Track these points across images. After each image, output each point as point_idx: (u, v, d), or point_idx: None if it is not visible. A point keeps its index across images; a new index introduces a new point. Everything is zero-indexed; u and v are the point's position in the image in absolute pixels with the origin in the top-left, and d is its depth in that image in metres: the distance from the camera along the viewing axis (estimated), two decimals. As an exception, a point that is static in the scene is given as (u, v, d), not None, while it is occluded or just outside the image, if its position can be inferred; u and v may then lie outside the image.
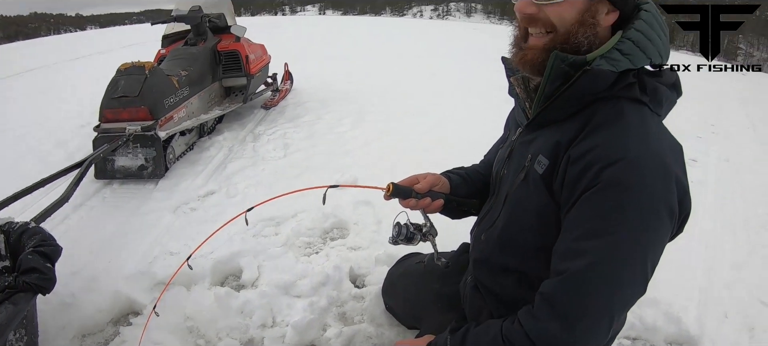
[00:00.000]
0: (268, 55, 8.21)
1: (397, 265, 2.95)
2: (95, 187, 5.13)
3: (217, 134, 6.58)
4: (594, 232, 1.41)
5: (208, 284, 3.46)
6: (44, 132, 6.80)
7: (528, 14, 1.57)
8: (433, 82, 10.11)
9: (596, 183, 1.41)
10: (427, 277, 2.56)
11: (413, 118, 7.24)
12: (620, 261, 1.39)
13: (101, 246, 3.96)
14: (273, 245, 3.89)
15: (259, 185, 5.01)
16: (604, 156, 1.42)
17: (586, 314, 1.42)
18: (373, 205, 4.42)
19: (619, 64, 1.49)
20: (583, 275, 1.41)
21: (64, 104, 8.24)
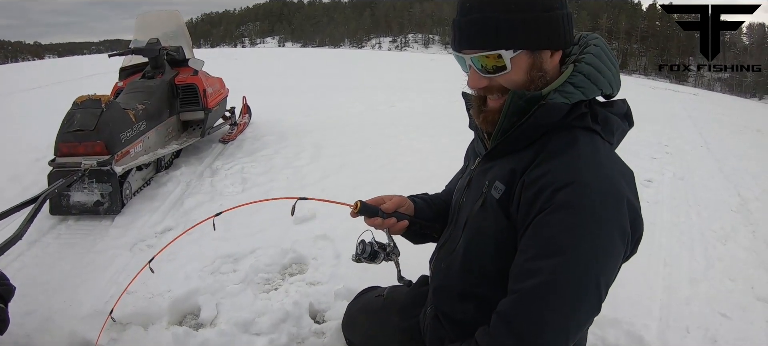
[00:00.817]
0: (226, 88, 8.21)
1: (356, 299, 2.94)
2: (50, 223, 5.05)
3: (175, 169, 6.54)
4: (547, 252, 1.45)
5: (166, 323, 3.43)
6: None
7: (481, 87, 1.68)
8: (391, 113, 10.21)
9: (549, 206, 1.46)
10: (387, 310, 2.57)
11: (372, 150, 7.30)
12: (573, 280, 1.42)
13: (56, 285, 3.89)
14: (231, 282, 3.87)
15: (217, 220, 4.92)
16: (556, 180, 1.48)
17: (543, 331, 1.44)
18: (332, 239, 4.44)
19: (572, 96, 1.57)
20: (536, 293, 1.44)
21: (19, 137, 8.09)
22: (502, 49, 1.56)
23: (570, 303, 1.44)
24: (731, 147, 9.01)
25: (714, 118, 11.42)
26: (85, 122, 5.26)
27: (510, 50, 1.56)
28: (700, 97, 12.81)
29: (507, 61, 1.58)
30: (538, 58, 1.60)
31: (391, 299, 2.61)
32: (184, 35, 7.79)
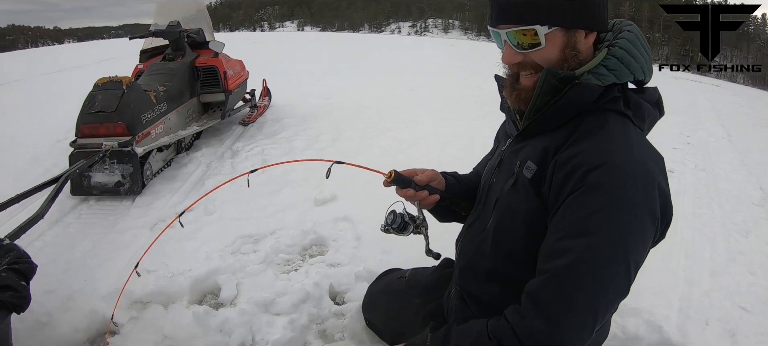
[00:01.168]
0: (247, 71, 8.19)
1: (377, 281, 2.94)
2: (71, 203, 5.07)
3: (195, 151, 6.55)
4: (577, 232, 1.44)
5: (186, 302, 3.43)
6: (19, 148, 6.71)
7: (515, 63, 1.69)
8: (411, 98, 10.14)
9: (580, 187, 1.46)
10: (409, 292, 2.56)
11: (391, 134, 7.25)
12: (603, 260, 1.42)
13: (77, 264, 3.90)
14: (251, 262, 3.87)
15: (237, 201, 4.96)
16: (588, 161, 1.47)
17: (571, 310, 1.43)
18: (353, 221, 4.41)
19: (605, 78, 1.57)
20: (566, 272, 1.44)
21: (39, 119, 8.14)
22: (537, 25, 1.56)
23: (599, 283, 1.42)
24: (754, 140, 8.85)
25: (737, 110, 11.27)
26: (106, 104, 5.27)
27: (545, 26, 1.56)
28: (723, 89, 12.64)
29: (541, 38, 1.57)
30: (573, 37, 1.60)
31: (413, 281, 2.62)
32: (204, 18, 7.78)
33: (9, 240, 2.95)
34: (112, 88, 5.38)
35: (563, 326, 1.43)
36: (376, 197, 2.28)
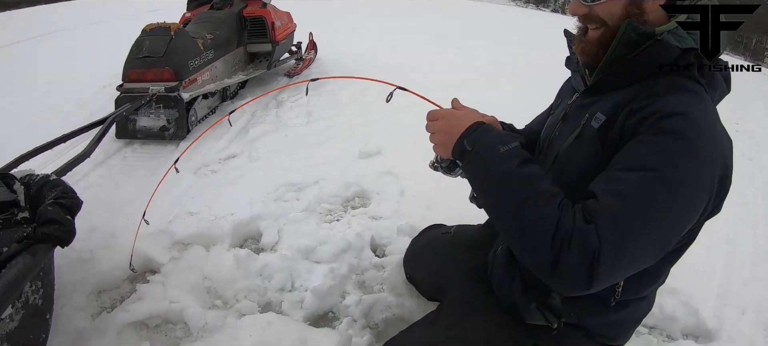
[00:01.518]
0: (294, 23, 8.13)
1: (421, 235, 2.88)
2: (116, 146, 5.11)
3: (240, 99, 6.55)
4: (638, 165, 1.39)
5: (227, 246, 3.43)
6: (66, 93, 6.76)
7: (581, 14, 1.66)
8: (459, 60, 9.96)
9: (651, 129, 1.42)
10: (453, 248, 2.51)
11: (438, 94, 7.09)
12: (656, 198, 1.35)
13: (120, 204, 3.92)
14: (294, 210, 3.84)
15: (281, 150, 4.96)
16: (665, 109, 1.42)
17: (619, 240, 1.34)
18: (397, 176, 4.34)
19: (684, 41, 1.51)
20: (615, 200, 1.37)
21: (86, 66, 8.18)
22: None
23: (646, 219, 1.35)
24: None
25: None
26: (154, 49, 5.29)
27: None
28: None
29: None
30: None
31: (458, 237, 2.56)
32: (253, -33, 7.73)
33: (56, 176, 2.95)
34: (160, 34, 5.39)
35: (604, 253, 1.32)
36: (421, 154, 2.21)
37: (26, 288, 2.20)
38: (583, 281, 1.33)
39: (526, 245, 1.42)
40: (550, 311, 1.76)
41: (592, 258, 1.31)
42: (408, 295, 2.92)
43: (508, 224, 1.48)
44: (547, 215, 1.39)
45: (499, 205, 1.53)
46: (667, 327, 2.80)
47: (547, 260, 1.36)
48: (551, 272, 1.36)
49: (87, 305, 2.96)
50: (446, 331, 2.04)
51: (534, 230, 1.40)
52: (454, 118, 1.74)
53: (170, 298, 2.91)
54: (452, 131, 1.70)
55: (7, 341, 2.05)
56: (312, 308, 2.90)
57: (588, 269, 1.31)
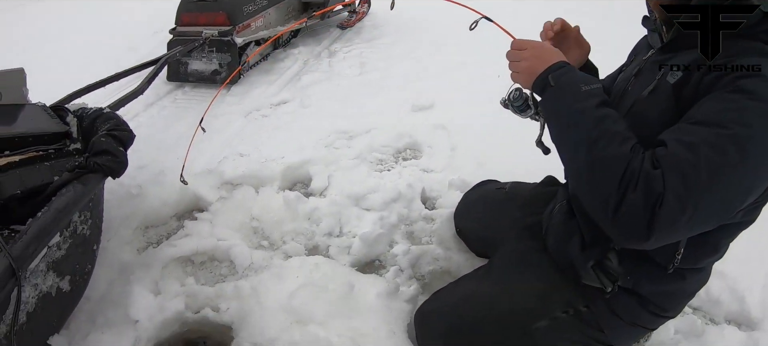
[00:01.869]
0: (348, -25, 7.99)
1: (474, 189, 2.81)
2: (167, 88, 5.14)
3: (292, 48, 6.48)
4: (711, 120, 1.34)
5: (276, 188, 3.40)
6: (116, 37, 6.82)
7: None
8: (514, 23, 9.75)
9: (728, 87, 1.36)
10: (508, 204, 2.46)
11: (491, 56, 6.96)
12: (725, 155, 1.30)
13: (170, 144, 3.93)
14: (345, 157, 3.79)
15: (333, 98, 4.90)
16: (743, 69, 1.37)
17: (684, 190, 1.30)
18: (450, 130, 4.24)
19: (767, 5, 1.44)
20: (684, 150, 1.32)
21: (138, 11, 8.25)
22: None
23: (712, 175, 1.30)
24: None
25: None
26: (208, -8, 5.23)
27: None
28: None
29: None
30: None
31: (513, 193, 2.52)
32: None
33: (108, 109, 2.93)
34: (214, -22, 5.33)
35: (667, 202, 1.29)
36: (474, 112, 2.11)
37: (75, 218, 2.17)
38: (642, 228, 1.32)
39: (594, 183, 1.42)
40: (606, 273, 1.73)
41: (655, 203, 1.29)
42: (456, 249, 2.85)
43: (579, 162, 1.48)
44: (618, 155, 1.38)
45: (571, 142, 1.53)
46: (710, 310, 2.68)
47: (611, 201, 1.35)
48: (614, 214, 1.36)
49: (133, 239, 2.96)
50: (496, 285, 2.02)
51: (603, 168, 1.40)
52: (542, 50, 1.71)
53: (217, 236, 2.89)
54: (538, 63, 1.67)
55: (54, 270, 2.04)
56: (359, 254, 2.86)
57: (650, 213, 1.30)
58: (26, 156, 2.23)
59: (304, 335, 2.21)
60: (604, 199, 1.38)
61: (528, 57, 1.71)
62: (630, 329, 1.87)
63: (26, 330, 1.89)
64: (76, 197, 2.09)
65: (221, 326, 2.43)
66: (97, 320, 2.36)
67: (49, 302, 2.03)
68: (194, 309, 2.47)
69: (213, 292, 2.54)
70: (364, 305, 2.41)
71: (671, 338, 2.35)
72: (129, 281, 2.56)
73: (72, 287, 2.19)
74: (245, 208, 3.17)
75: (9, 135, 2.31)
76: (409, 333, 2.33)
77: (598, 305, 1.82)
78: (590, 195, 1.45)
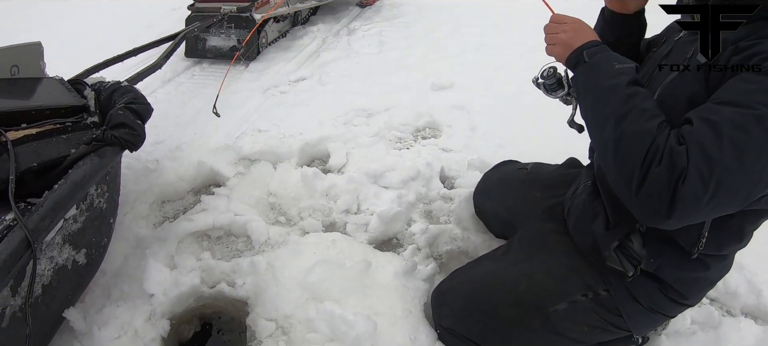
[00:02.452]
0: (368, -50, 7.94)
1: (495, 169, 2.80)
2: (185, 65, 5.14)
3: (311, 25, 6.47)
4: (736, 102, 1.34)
5: (294, 164, 3.38)
6: (135, 15, 6.83)
7: None
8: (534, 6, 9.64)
9: (755, 67, 1.36)
10: (529, 184, 2.45)
11: (513, 36, 6.89)
12: (748, 134, 1.30)
13: (188, 119, 3.92)
14: (363, 135, 3.76)
15: (352, 76, 4.88)
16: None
17: (706, 167, 1.31)
18: (469, 111, 4.21)
19: None
20: (708, 128, 1.33)
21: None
22: None
23: (737, 152, 1.31)
24: None
25: None
26: (227, -33, 5.20)
27: None
28: None
29: None
30: None
31: (535, 174, 2.51)
32: None
33: (126, 83, 2.92)
34: (233, -47, 5.29)
35: (690, 178, 1.31)
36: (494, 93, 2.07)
37: (92, 191, 2.16)
38: (665, 203, 1.34)
39: (621, 158, 1.44)
40: (628, 256, 1.74)
41: (678, 178, 1.31)
42: (474, 229, 2.83)
43: (607, 136, 1.49)
44: (645, 130, 1.41)
45: (601, 117, 1.54)
46: (728, 302, 2.64)
47: (636, 175, 1.38)
48: (637, 190, 1.38)
49: (150, 213, 2.96)
50: (515, 266, 2.03)
51: (630, 143, 1.42)
52: (582, 28, 1.74)
53: (234, 211, 2.88)
54: (576, 38, 1.70)
55: (70, 243, 2.02)
56: (376, 232, 2.83)
57: (672, 189, 1.32)
58: (43, 129, 2.22)
59: (320, 311, 2.20)
60: (629, 173, 1.40)
61: (567, 30, 1.73)
62: (649, 316, 1.86)
63: (41, 303, 1.88)
64: (93, 169, 2.07)
65: (237, 301, 2.42)
66: (113, 294, 2.36)
67: (64, 275, 2.02)
68: (210, 284, 2.46)
69: (229, 267, 2.53)
70: (380, 283, 2.40)
71: (687, 327, 2.32)
72: (145, 255, 2.54)
73: (88, 261, 2.18)
74: (263, 183, 3.15)
75: (26, 108, 2.30)
76: (425, 312, 2.31)
77: (618, 290, 1.82)
78: (616, 170, 1.45)
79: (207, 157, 3.27)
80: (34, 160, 2.04)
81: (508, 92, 4.45)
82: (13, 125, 2.17)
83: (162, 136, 3.57)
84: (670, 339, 2.26)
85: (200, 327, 2.54)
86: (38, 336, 1.96)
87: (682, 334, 2.31)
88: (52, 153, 2.11)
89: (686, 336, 2.31)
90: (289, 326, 2.22)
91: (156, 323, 2.24)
